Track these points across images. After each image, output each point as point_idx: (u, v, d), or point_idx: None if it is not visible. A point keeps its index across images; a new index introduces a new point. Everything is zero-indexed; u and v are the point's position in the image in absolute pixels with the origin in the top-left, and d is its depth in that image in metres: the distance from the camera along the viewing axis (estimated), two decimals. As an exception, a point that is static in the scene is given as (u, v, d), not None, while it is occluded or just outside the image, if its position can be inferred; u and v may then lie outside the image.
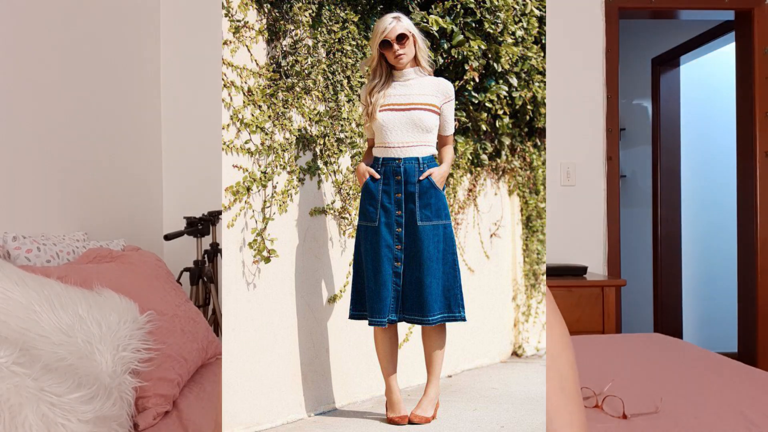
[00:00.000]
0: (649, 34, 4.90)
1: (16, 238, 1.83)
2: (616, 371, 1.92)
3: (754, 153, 3.53)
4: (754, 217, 3.54)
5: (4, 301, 1.34)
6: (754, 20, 3.51)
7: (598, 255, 3.51)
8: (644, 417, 1.53)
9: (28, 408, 1.10)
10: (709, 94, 5.03)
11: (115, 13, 2.80)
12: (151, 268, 1.96)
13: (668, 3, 3.53)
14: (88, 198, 2.51)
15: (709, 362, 2.06)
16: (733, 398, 1.67)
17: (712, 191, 5.02)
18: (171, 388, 1.60)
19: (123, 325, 1.52)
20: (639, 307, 4.92)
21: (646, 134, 5.00)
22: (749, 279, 3.59)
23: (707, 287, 5.03)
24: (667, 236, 4.77)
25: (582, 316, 3.03)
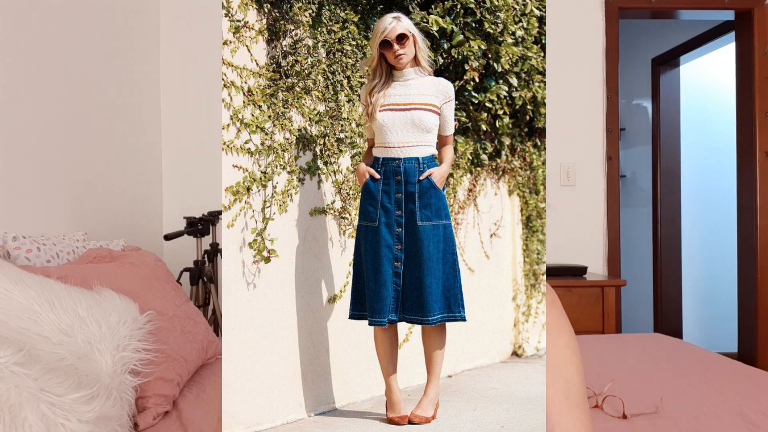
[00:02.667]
0: (649, 34, 4.90)
1: (16, 238, 1.83)
2: (616, 371, 1.92)
3: (754, 153, 3.53)
4: (754, 217, 3.54)
5: (4, 301, 1.34)
6: (754, 20, 3.51)
7: (598, 255, 3.51)
8: (644, 417, 1.53)
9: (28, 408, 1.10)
10: (709, 94, 5.03)
11: (115, 13, 2.80)
12: (151, 268, 1.96)
13: (668, 3, 3.53)
14: (88, 198, 2.51)
15: (709, 362, 2.06)
16: (733, 398, 1.67)
17: (712, 191, 5.02)
18: (171, 388, 1.60)
19: (123, 325, 1.52)
20: (639, 307, 4.92)
21: (646, 134, 4.99)
22: (749, 279, 3.59)
23: (707, 287, 5.03)
24: (667, 236, 4.77)
25: (582, 316, 3.03)
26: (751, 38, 3.53)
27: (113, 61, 2.77)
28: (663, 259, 4.75)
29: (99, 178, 2.61)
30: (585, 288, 3.06)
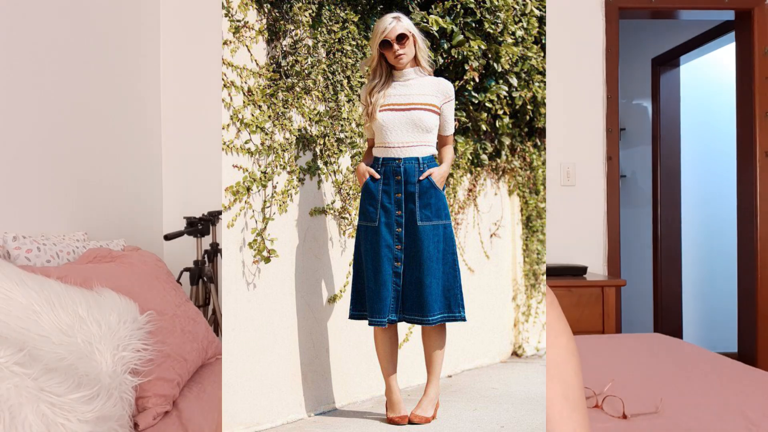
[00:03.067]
0: (649, 34, 4.90)
1: (16, 238, 1.83)
2: (616, 371, 1.92)
3: (754, 153, 3.53)
4: (754, 217, 3.54)
5: (4, 301, 1.34)
6: (754, 20, 3.51)
7: (598, 255, 3.50)
8: (644, 417, 1.52)
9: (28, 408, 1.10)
10: (709, 94, 5.03)
11: (115, 14, 2.80)
12: (151, 268, 1.96)
13: (668, 3, 3.53)
14: (88, 198, 2.51)
15: (709, 362, 2.06)
16: (733, 398, 1.67)
17: (712, 191, 5.02)
18: (171, 388, 1.59)
19: (123, 325, 1.52)
20: (639, 307, 4.92)
21: (646, 134, 4.99)
22: (749, 279, 3.59)
23: (707, 287, 5.03)
24: (667, 236, 4.76)
25: (582, 316, 3.03)
26: (751, 38, 3.53)
27: (113, 61, 2.77)
28: (663, 259, 4.75)
29: (99, 178, 2.61)
30: (585, 288, 3.06)
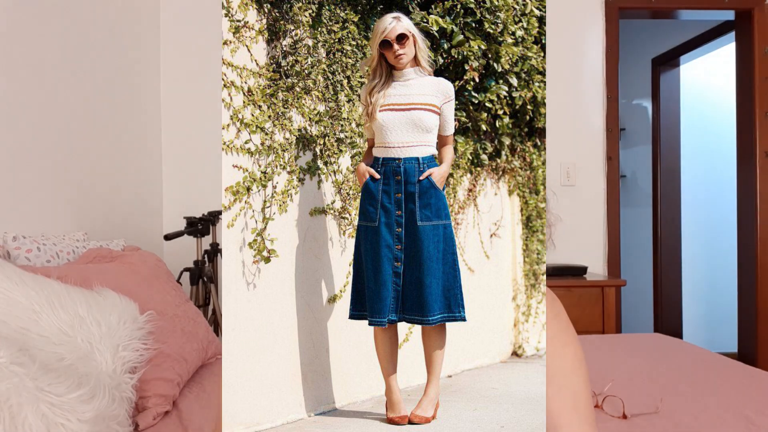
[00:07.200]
0: (649, 34, 4.89)
1: (16, 238, 1.83)
2: (616, 371, 1.92)
3: (754, 153, 3.53)
4: (754, 217, 3.54)
5: (4, 301, 1.34)
6: (754, 20, 3.51)
7: (598, 255, 3.51)
8: (644, 417, 1.53)
9: (28, 408, 1.10)
10: (709, 94, 5.03)
11: (115, 13, 2.80)
12: (151, 268, 1.96)
13: (668, 3, 3.53)
14: (88, 198, 2.51)
15: (709, 362, 2.06)
16: (733, 398, 1.67)
17: (712, 191, 5.02)
18: (171, 388, 1.59)
19: (123, 325, 1.52)
20: (639, 307, 4.92)
21: (646, 134, 4.99)
22: (749, 279, 3.59)
23: (707, 287, 5.03)
24: (667, 236, 4.76)
25: (582, 316, 3.03)
26: (751, 38, 3.53)
27: (113, 61, 2.77)
28: (663, 259, 4.74)
29: (99, 178, 2.61)
30: (585, 288, 3.06)
